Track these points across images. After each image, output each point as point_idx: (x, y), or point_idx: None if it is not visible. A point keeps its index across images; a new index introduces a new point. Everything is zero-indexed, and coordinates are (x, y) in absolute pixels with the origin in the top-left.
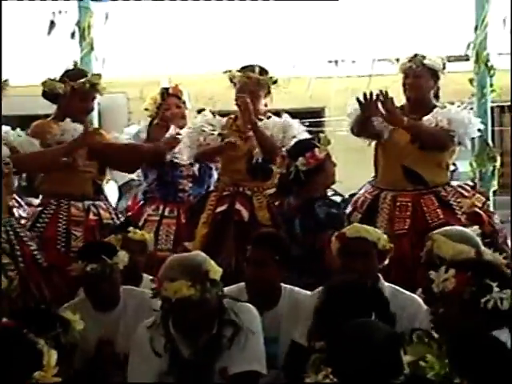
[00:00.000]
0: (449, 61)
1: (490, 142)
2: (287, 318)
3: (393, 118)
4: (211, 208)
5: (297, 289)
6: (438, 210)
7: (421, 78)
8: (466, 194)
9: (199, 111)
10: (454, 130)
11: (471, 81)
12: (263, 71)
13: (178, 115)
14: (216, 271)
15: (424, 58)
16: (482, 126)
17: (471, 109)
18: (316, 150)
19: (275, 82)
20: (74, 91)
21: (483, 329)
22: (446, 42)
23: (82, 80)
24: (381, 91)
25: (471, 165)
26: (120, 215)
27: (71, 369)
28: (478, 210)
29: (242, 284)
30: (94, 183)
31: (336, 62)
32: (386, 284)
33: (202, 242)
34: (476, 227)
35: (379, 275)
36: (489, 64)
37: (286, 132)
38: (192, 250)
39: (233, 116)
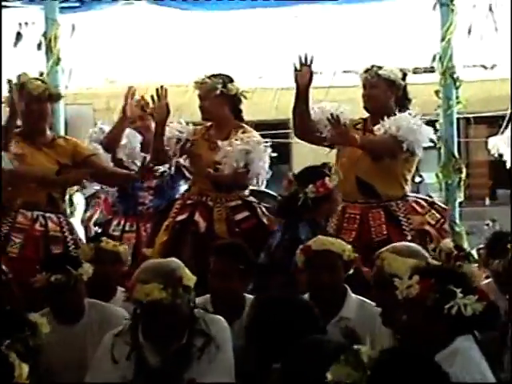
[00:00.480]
0: (415, 73)
1: (455, 153)
2: None
3: (345, 140)
4: (173, 216)
5: None
6: (383, 226)
7: (376, 89)
8: (420, 209)
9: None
10: (403, 136)
11: (437, 92)
12: (227, 80)
13: (142, 128)
14: (190, 278)
15: (380, 68)
16: (433, 136)
17: (436, 121)
18: (326, 178)
19: (235, 93)
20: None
21: (446, 335)
22: (412, 54)
23: None
24: (331, 115)
25: (437, 176)
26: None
27: (38, 373)
28: (428, 227)
29: (208, 296)
30: (49, 195)
31: None
32: (354, 296)
33: (160, 249)
34: (448, 240)
35: (346, 286)
36: (454, 76)
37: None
38: (150, 257)
39: (208, 124)
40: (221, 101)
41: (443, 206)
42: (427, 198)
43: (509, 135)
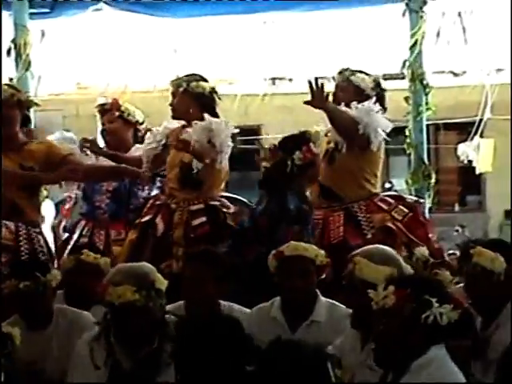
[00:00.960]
0: (384, 79)
1: (425, 159)
2: None
3: (317, 101)
4: (142, 215)
5: (237, 306)
6: (341, 228)
7: (344, 93)
8: (385, 207)
9: (146, 130)
10: (359, 117)
11: (407, 99)
12: (193, 79)
13: (107, 131)
14: (162, 282)
15: (353, 73)
16: (389, 127)
17: (406, 127)
18: (311, 144)
19: (201, 92)
20: None
21: (422, 344)
22: (381, 61)
23: None
24: (315, 79)
25: (407, 182)
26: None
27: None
28: (390, 224)
29: (181, 302)
30: (12, 203)
31: (273, 79)
32: (324, 299)
33: (128, 247)
34: (424, 248)
35: (317, 291)
36: (424, 82)
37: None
38: (117, 254)
39: (183, 125)
40: (187, 99)
41: (415, 199)
42: (396, 194)
43: (478, 142)
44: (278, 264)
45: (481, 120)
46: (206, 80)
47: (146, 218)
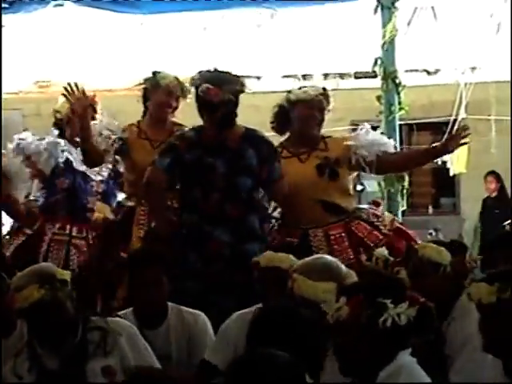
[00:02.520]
0: (356, 77)
1: None
2: (177, 336)
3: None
4: (143, 223)
5: (183, 308)
6: (375, 232)
7: (323, 114)
8: (378, 213)
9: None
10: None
11: (379, 98)
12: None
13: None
14: (63, 273)
15: (329, 95)
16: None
17: (378, 127)
18: None
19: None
20: None
21: (386, 351)
22: (353, 59)
23: None
24: None
25: (379, 185)
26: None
27: None
28: (399, 225)
29: (129, 310)
30: None
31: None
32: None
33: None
34: (383, 248)
35: None
36: (396, 80)
37: None
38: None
39: (136, 123)
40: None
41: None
42: (369, 205)
43: None
44: (255, 274)
45: (455, 120)
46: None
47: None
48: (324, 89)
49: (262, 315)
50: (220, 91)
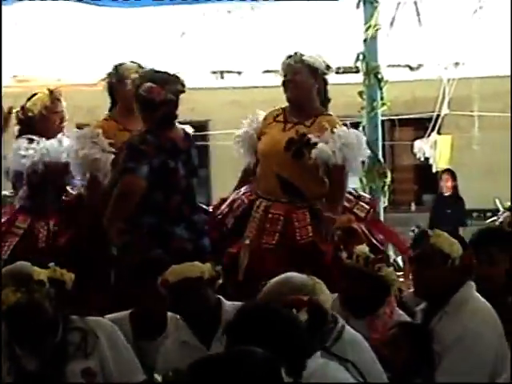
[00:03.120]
0: (338, 73)
1: (380, 157)
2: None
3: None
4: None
5: (178, 316)
6: (309, 227)
7: (299, 74)
8: (347, 204)
9: (79, 127)
10: (347, 160)
11: (361, 93)
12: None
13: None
14: (40, 272)
15: (303, 55)
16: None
17: (360, 122)
18: None
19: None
20: None
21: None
22: (334, 54)
23: None
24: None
25: (361, 181)
26: None
27: None
28: (355, 225)
29: (125, 313)
30: None
31: (221, 73)
32: (228, 304)
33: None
34: (364, 245)
35: (220, 298)
36: (379, 76)
37: None
38: None
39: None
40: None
41: (369, 196)
42: (352, 190)
43: (435, 138)
44: (168, 291)
45: (438, 116)
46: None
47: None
48: (295, 52)
49: (240, 317)
50: (162, 90)
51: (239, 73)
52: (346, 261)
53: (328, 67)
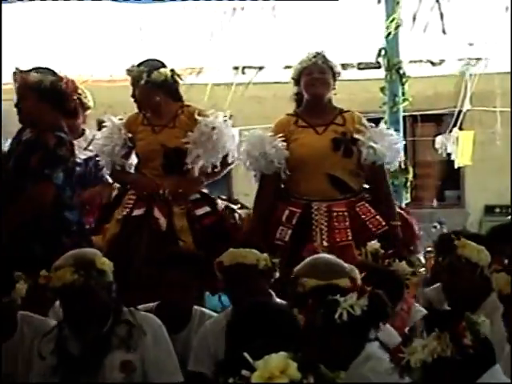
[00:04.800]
0: (359, 68)
1: (402, 153)
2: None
3: None
4: (128, 206)
5: (206, 310)
6: (378, 217)
7: (326, 74)
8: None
9: (100, 123)
10: (393, 160)
11: (382, 89)
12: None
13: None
14: (104, 262)
15: (326, 56)
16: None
17: (381, 118)
18: None
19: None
20: None
21: (352, 344)
22: (356, 49)
23: None
24: None
25: None
26: None
27: None
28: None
29: (152, 304)
30: None
31: (242, 68)
32: (277, 300)
33: (111, 241)
34: (374, 242)
35: (271, 293)
36: (400, 71)
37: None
38: (101, 245)
39: (138, 112)
40: (150, 89)
41: None
42: None
43: (457, 134)
44: (220, 274)
45: (460, 111)
46: (164, 65)
47: (138, 213)
48: (317, 52)
49: (240, 315)
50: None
51: (260, 68)
52: (357, 257)
53: (338, 74)
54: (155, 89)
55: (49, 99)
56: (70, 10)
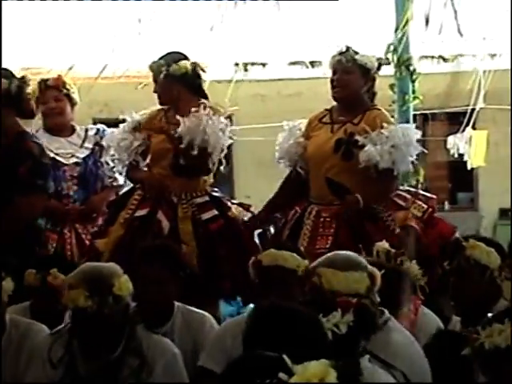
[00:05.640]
0: None
1: None
2: (181, 340)
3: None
4: (132, 208)
5: (191, 308)
6: (367, 228)
7: (350, 75)
8: (402, 203)
9: (96, 122)
10: (396, 162)
11: (392, 86)
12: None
13: (56, 110)
14: (123, 288)
15: (356, 53)
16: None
17: (392, 116)
18: None
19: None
20: None
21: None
22: (364, 44)
23: None
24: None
25: None
26: None
27: None
28: (413, 223)
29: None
30: None
31: (245, 65)
32: None
33: (115, 243)
34: (383, 242)
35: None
36: (411, 68)
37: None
38: (102, 249)
39: (163, 108)
40: (171, 83)
41: (427, 194)
42: (410, 189)
43: (470, 133)
44: (256, 273)
45: (473, 110)
46: (185, 57)
47: (141, 213)
48: (347, 48)
49: (259, 315)
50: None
51: (264, 65)
52: (367, 257)
53: (380, 65)
54: (174, 82)
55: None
56: (66, 5)
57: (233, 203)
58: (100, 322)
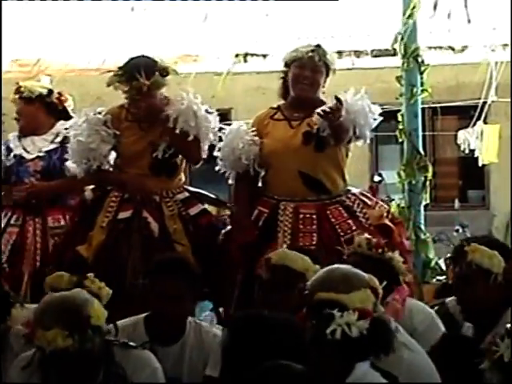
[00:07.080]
0: (373, 56)
1: (420, 149)
2: (192, 357)
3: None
4: (111, 211)
5: (203, 323)
6: (349, 221)
7: (318, 74)
8: (369, 202)
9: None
10: (354, 120)
11: (399, 79)
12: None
13: (19, 116)
14: (99, 316)
15: (325, 52)
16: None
17: (398, 111)
18: None
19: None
20: None
21: (341, 363)
22: (370, 35)
23: None
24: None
25: (399, 175)
26: None
27: None
28: (387, 222)
29: (139, 317)
30: None
31: (244, 56)
32: None
33: (98, 249)
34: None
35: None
36: (419, 59)
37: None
38: (85, 255)
39: (123, 105)
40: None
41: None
42: (366, 190)
43: (481, 128)
44: (265, 271)
45: (484, 103)
46: (154, 61)
47: (124, 215)
48: (317, 45)
49: (236, 324)
50: None
51: (264, 56)
52: (349, 248)
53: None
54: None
55: None
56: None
57: (210, 198)
58: (81, 360)
